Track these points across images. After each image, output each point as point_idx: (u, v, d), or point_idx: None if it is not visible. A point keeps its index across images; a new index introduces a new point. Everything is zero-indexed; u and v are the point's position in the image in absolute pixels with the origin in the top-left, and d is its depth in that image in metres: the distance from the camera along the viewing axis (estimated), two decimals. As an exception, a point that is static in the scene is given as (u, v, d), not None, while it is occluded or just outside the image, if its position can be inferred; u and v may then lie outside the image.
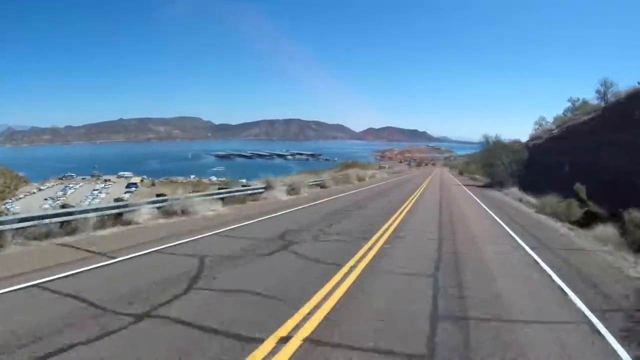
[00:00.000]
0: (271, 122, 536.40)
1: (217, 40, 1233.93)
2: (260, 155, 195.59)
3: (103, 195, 67.05)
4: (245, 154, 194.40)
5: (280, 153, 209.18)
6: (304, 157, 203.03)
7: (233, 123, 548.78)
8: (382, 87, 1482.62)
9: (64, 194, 73.70)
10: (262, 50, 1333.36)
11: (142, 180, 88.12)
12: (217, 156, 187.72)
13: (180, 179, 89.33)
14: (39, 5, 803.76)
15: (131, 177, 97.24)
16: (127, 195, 66.79)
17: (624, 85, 31.43)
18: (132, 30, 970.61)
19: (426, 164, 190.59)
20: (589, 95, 54.39)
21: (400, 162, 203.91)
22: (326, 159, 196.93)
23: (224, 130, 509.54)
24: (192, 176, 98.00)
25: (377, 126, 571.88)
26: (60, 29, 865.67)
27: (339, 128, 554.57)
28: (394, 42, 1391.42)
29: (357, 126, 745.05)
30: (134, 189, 76.03)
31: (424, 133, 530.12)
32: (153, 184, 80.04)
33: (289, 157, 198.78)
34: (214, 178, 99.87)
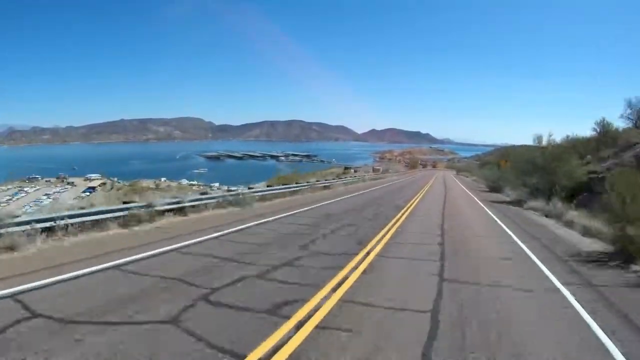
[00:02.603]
0: (272, 124, 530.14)
1: (219, 40, 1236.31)
2: (252, 156, 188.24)
3: (46, 202, 59.92)
4: (235, 155, 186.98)
5: (273, 154, 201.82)
6: (297, 158, 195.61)
7: (234, 124, 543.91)
8: (385, 88, 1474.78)
9: (10, 199, 66.85)
10: (264, 51, 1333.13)
11: (103, 184, 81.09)
12: (207, 157, 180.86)
13: (146, 182, 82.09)
14: (42, 6, 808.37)
15: (99, 179, 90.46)
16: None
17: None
18: (136, 30, 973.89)
19: (424, 166, 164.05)
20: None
21: (399, 162, 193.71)
22: (321, 160, 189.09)
23: (225, 131, 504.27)
24: (162, 179, 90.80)
25: (379, 128, 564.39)
26: (66, 29, 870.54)
27: (341, 130, 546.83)
28: (398, 42, 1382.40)
29: (360, 128, 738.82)
30: (88, 193, 68.95)
31: (426, 135, 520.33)
32: (112, 188, 73.01)
33: (282, 158, 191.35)
34: (185, 181, 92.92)
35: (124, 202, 9.99)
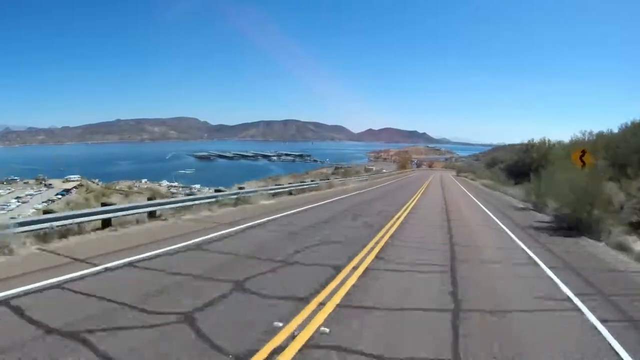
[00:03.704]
0: (269, 123, 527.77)
1: (216, 41, 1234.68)
2: (243, 156, 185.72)
3: (12, 207, 57.78)
4: (226, 155, 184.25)
5: (265, 154, 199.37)
6: (290, 158, 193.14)
7: (230, 124, 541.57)
8: (382, 88, 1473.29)
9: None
10: (261, 51, 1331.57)
11: (80, 185, 78.76)
12: (197, 157, 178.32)
13: (125, 183, 79.84)
14: (40, 6, 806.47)
15: (77, 180, 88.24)
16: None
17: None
18: (133, 31, 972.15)
19: (418, 166, 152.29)
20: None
21: (395, 161, 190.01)
22: (314, 160, 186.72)
23: (221, 131, 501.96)
24: (144, 180, 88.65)
25: (376, 127, 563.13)
26: (63, 30, 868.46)
27: (338, 129, 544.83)
28: (396, 42, 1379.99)
29: (357, 127, 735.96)
30: (61, 196, 66.86)
31: (423, 134, 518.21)
32: (87, 190, 70.64)
33: (274, 158, 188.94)
34: (165, 182, 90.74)
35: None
